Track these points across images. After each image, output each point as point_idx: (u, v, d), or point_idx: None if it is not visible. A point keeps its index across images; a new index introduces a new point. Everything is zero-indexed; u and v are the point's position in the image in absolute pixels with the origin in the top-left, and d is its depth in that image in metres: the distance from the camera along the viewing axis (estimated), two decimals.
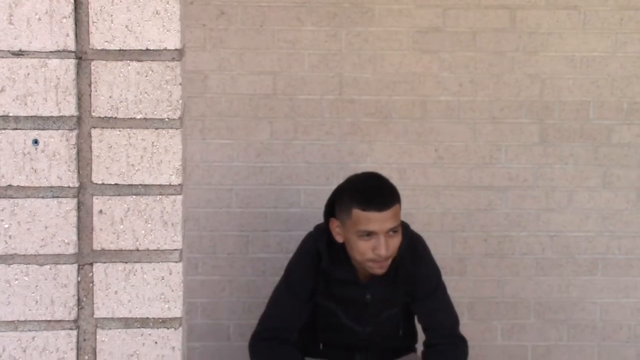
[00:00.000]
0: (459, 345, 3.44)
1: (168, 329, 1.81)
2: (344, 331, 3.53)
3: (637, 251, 4.19)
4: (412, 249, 3.45)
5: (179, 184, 1.79)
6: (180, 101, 1.77)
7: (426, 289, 3.43)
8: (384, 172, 4.07)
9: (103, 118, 1.76)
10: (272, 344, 3.40)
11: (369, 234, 3.26)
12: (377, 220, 3.26)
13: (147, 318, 1.80)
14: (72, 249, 1.76)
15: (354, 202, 3.28)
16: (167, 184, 1.78)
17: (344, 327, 3.51)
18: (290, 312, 3.42)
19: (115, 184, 1.77)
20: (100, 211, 1.77)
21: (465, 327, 3.84)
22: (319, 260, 3.44)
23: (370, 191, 3.31)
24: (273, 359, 3.39)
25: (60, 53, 1.71)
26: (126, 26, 1.73)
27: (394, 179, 4.09)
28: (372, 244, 3.27)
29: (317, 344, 3.55)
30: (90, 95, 1.75)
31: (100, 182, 1.77)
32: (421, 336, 3.54)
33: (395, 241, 3.30)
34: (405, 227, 3.52)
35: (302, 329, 3.51)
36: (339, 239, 3.35)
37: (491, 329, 4.19)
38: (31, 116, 1.73)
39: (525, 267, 4.17)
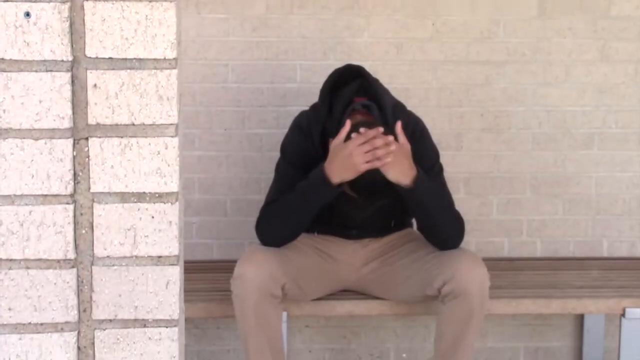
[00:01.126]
0: (456, 218, 3.47)
1: (165, 203, 1.82)
2: (338, 215, 3.55)
3: (633, 125, 4.19)
4: (412, 129, 3.44)
5: (174, 58, 1.77)
6: None
7: (425, 165, 3.43)
8: (381, 47, 4.06)
9: None
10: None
11: None
12: None
13: (144, 193, 1.81)
14: (67, 123, 1.76)
15: None
16: (162, 57, 1.77)
17: (339, 211, 3.53)
18: (291, 183, 3.43)
19: (109, 58, 1.76)
20: (95, 85, 1.76)
21: (461, 202, 3.86)
22: (312, 137, 3.46)
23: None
24: (274, 213, 3.43)
25: None
26: None
27: (391, 54, 4.07)
28: None
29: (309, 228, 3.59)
30: None
31: (94, 56, 1.76)
32: None
33: None
34: (402, 108, 3.52)
35: None
36: None
37: (487, 204, 4.21)
38: None
39: (521, 142, 4.17)
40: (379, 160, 3.21)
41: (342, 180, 3.30)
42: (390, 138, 3.23)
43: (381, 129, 3.23)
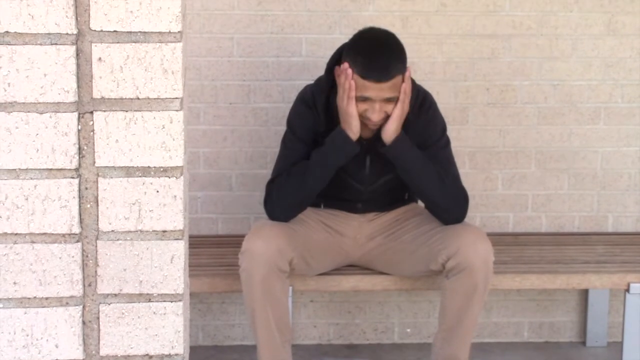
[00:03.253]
0: (461, 194, 3.46)
1: (169, 177, 1.81)
2: (346, 188, 3.55)
3: (639, 99, 4.17)
4: (421, 102, 3.44)
5: (179, 31, 1.76)
6: None
7: (432, 137, 3.44)
8: (387, 20, 4.04)
9: None
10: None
11: (365, 98, 3.28)
12: (375, 89, 3.30)
13: (149, 167, 1.80)
14: (71, 97, 1.75)
15: (355, 65, 3.28)
16: (167, 31, 1.76)
17: (346, 184, 3.53)
18: (299, 156, 3.43)
19: (114, 31, 1.75)
20: (100, 59, 1.75)
21: (467, 177, 3.86)
22: (317, 110, 3.46)
23: (372, 59, 3.28)
24: (285, 184, 3.42)
25: None
26: None
27: (397, 27, 4.05)
28: (365, 106, 3.31)
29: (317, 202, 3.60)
30: None
31: (98, 29, 1.75)
32: None
33: (390, 108, 3.32)
34: (412, 82, 3.51)
35: None
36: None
37: (492, 178, 4.20)
38: None
39: (527, 116, 4.16)
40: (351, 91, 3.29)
41: (356, 135, 3.34)
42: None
43: (349, 70, 3.28)
